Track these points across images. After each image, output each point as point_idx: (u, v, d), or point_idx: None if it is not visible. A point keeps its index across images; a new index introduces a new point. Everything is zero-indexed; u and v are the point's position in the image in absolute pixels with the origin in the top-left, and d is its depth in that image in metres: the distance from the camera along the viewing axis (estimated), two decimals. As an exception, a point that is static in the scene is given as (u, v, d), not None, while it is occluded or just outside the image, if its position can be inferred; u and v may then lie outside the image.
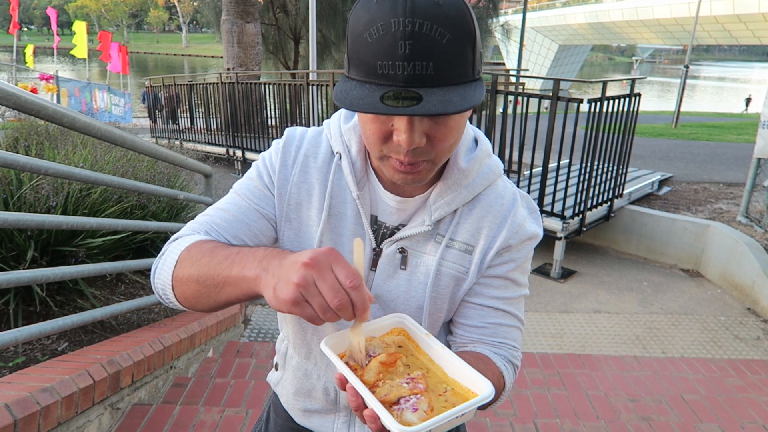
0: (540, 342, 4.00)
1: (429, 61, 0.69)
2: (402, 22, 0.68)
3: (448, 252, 0.92)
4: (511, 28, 16.70)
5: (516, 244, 0.93)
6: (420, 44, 0.69)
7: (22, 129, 4.36)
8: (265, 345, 3.41)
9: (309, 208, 0.94)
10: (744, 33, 33.39)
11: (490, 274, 0.93)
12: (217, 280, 0.79)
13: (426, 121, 0.77)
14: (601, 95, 4.78)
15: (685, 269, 5.46)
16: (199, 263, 0.83)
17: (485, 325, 0.94)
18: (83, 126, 1.89)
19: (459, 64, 0.72)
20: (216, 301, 0.83)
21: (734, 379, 3.11)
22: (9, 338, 1.68)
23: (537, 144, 4.97)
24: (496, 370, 0.90)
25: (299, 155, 0.96)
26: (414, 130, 0.76)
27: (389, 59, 0.70)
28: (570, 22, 42.23)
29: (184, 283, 0.85)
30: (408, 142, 0.75)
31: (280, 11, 13.18)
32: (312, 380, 1.03)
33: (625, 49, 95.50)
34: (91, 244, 2.78)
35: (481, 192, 0.94)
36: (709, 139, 11.60)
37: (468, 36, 0.72)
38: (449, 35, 0.70)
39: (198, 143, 9.84)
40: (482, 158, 0.94)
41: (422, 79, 0.70)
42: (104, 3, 77.67)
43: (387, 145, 0.80)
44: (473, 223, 0.92)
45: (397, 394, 0.68)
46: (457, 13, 0.71)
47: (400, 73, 0.70)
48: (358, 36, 0.73)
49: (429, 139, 0.78)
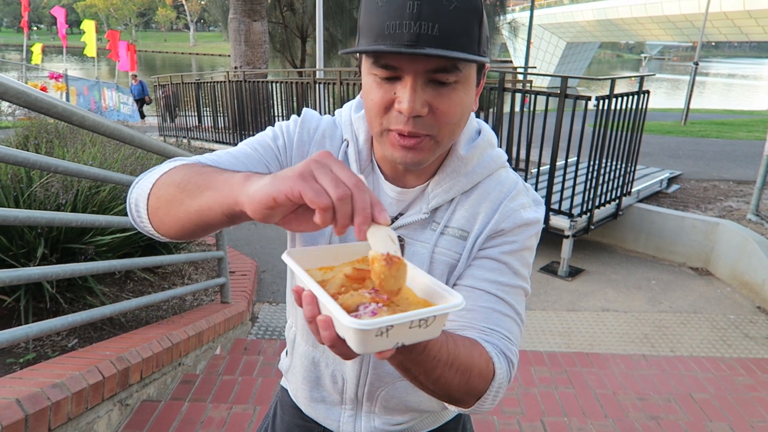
0: (548, 340, 3.98)
1: (435, 22, 0.72)
2: None
3: (442, 239, 0.91)
4: (519, 25, 16.64)
5: (510, 229, 0.90)
6: (427, 6, 0.71)
7: (32, 127, 4.40)
8: (272, 342, 3.43)
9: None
10: (754, 29, 33.06)
11: (481, 256, 0.90)
12: (199, 185, 0.72)
13: (429, 90, 0.77)
14: (610, 93, 4.75)
15: (694, 267, 5.42)
16: (186, 172, 0.77)
17: (475, 308, 0.87)
18: (92, 124, 1.90)
19: (464, 33, 0.74)
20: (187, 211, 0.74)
21: (744, 377, 3.09)
22: (20, 334, 1.70)
23: (544, 142, 4.95)
24: (485, 354, 0.82)
25: (317, 134, 0.97)
26: (416, 96, 0.76)
27: (397, 19, 0.72)
28: (578, 19, 41.97)
29: (163, 186, 0.79)
30: (409, 108, 0.76)
31: (287, 9, 13.19)
32: (320, 368, 1.03)
33: (634, 46, 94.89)
34: (101, 242, 2.80)
35: (481, 181, 0.93)
36: (718, 137, 11.50)
37: (475, 10, 0.75)
38: (457, 3, 0.72)
39: (206, 141, 9.87)
40: (483, 147, 0.94)
41: (427, 39, 0.72)
42: (112, 2, 78.04)
43: (388, 116, 0.80)
44: (469, 209, 0.91)
45: (357, 301, 0.62)
46: None
47: (406, 32, 0.72)
48: (370, 3, 0.76)
49: (431, 110, 0.78)
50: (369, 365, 0.99)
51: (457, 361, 0.77)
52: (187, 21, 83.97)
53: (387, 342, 0.58)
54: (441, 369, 0.76)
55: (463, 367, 0.78)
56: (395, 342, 0.59)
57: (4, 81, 1.49)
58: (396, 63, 0.76)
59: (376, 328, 0.55)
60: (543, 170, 6.02)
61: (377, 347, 0.58)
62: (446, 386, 0.78)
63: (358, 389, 1.00)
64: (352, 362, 0.99)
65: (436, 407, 1.04)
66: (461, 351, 0.78)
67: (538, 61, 43.08)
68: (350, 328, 0.55)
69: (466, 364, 0.79)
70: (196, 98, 10.46)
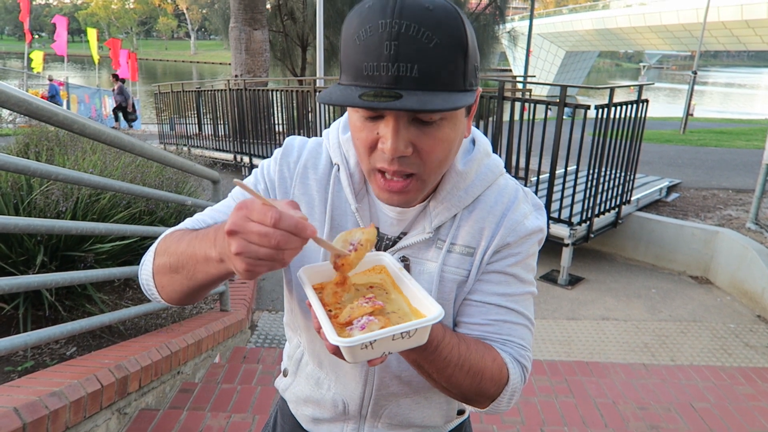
0: (547, 349, 3.97)
1: (414, 63, 0.69)
2: (389, 23, 0.68)
3: (449, 257, 0.90)
4: (518, 34, 16.71)
5: (515, 241, 0.90)
6: (406, 46, 0.68)
7: (32, 135, 4.41)
8: (271, 351, 3.41)
9: (311, 221, 0.92)
10: (753, 38, 33.24)
11: (488, 270, 0.91)
12: (189, 265, 0.81)
13: (412, 129, 0.75)
14: (609, 101, 4.77)
15: (693, 276, 5.42)
16: (170, 252, 0.86)
17: (488, 322, 0.90)
18: (93, 132, 1.90)
19: (447, 70, 0.71)
20: (191, 286, 0.84)
21: (744, 387, 3.08)
22: (19, 342, 1.69)
23: (544, 150, 4.96)
24: (498, 359, 0.87)
25: (298, 166, 0.95)
26: (399, 135, 0.74)
27: (374, 60, 0.69)
28: (577, 29, 42.20)
29: (162, 273, 0.88)
30: (392, 147, 0.74)
31: (287, 18, 13.26)
32: (323, 390, 1.03)
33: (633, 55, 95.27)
34: (100, 249, 2.80)
35: (481, 193, 0.92)
36: (717, 145, 11.53)
37: (458, 44, 0.71)
38: (437, 39, 0.69)
39: (206, 149, 9.89)
40: (480, 159, 0.92)
41: (406, 82, 0.69)
42: (114, 11, 78.51)
43: (374, 155, 0.78)
44: (473, 225, 0.90)
45: (359, 314, 0.70)
46: (448, 19, 0.70)
47: (384, 74, 0.69)
48: (348, 39, 0.73)
49: (416, 149, 0.76)
50: (372, 387, 0.98)
51: (467, 363, 0.83)
52: (188, 29, 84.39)
53: (373, 353, 0.67)
54: (452, 369, 0.82)
55: (474, 369, 0.83)
56: (382, 352, 0.68)
57: (6, 89, 1.50)
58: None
59: (359, 344, 0.65)
60: (543, 179, 6.03)
61: (365, 357, 0.67)
62: (458, 386, 0.84)
63: (362, 409, 1.01)
64: (355, 384, 0.99)
65: (439, 422, 1.04)
66: (473, 354, 0.84)
67: (538, 70, 43.26)
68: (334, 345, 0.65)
69: (477, 366, 0.84)
70: (196, 106, 10.49)
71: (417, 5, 0.69)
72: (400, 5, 0.69)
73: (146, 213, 3.37)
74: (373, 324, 0.68)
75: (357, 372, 0.98)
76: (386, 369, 0.97)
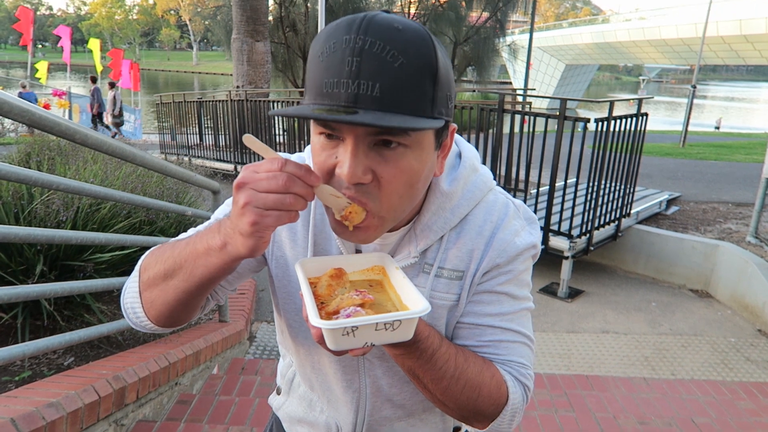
0: (547, 362, 3.95)
1: (376, 81, 0.64)
2: (353, 38, 0.65)
3: (437, 282, 0.86)
4: (518, 47, 16.85)
5: (505, 262, 0.85)
6: (368, 63, 0.64)
7: (34, 144, 4.42)
8: (270, 362, 3.40)
9: (294, 247, 0.91)
10: (751, 53, 33.44)
11: (479, 290, 0.87)
12: (188, 263, 0.77)
13: (372, 155, 0.69)
14: (608, 115, 4.79)
15: (694, 290, 5.41)
16: (163, 260, 0.82)
17: (483, 343, 0.86)
18: (95, 142, 1.91)
19: (412, 93, 0.66)
20: (187, 289, 0.79)
21: (746, 402, 3.06)
22: (17, 352, 1.69)
23: (544, 163, 4.97)
24: (498, 376, 0.83)
25: None
26: (357, 161, 0.68)
27: (335, 77, 0.65)
28: (576, 42, 42.48)
29: (153, 285, 0.83)
30: (349, 174, 0.68)
31: (289, 30, 13.37)
32: (315, 412, 1.02)
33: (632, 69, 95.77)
34: (100, 259, 2.79)
35: (469, 212, 0.86)
36: (717, 159, 11.56)
37: (427, 67, 0.66)
38: (403, 60, 0.64)
39: (206, 159, 9.91)
40: (467, 176, 0.87)
41: (365, 100, 0.64)
42: (117, 21, 79.08)
43: (331, 182, 0.73)
44: (461, 247, 0.85)
45: (347, 303, 0.70)
46: (418, 40, 0.66)
47: (343, 92, 0.65)
48: (313, 57, 0.69)
49: (375, 177, 0.71)
50: (365, 412, 0.97)
51: (464, 376, 0.80)
52: (191, 40, 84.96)
53: (355, 341, 0.66)
54: (447, 380, 0.79)
55: (471, 383, 0.80)
56: (364, 342, 0.67)
57: (9, 99, 1.50)
58: (335, 124, 0.69)
59: (341, 328, 0.64)
60: (542, 191, 6.05)
61: (347, 345, 0.67)
62: (454, 399, 0.81)
63: (355, 429, 1.00)
64: (347, 410, 0.97)
65: None
66: (470, 368, 0.81)
67: (538, 83, 43.51)
68: (318, 327, 0.65)
69: (475, 381, 0.81)
70: (197, 116, 10.53)
71: (386, 24, 0.66)
72: (368, 22, 0.65)
73: (146, 223, 3.37)
74: (360, 314, 0.68)
75: (348, 398, 0.96)
76: (378, 393, 0.95)
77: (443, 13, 14.50)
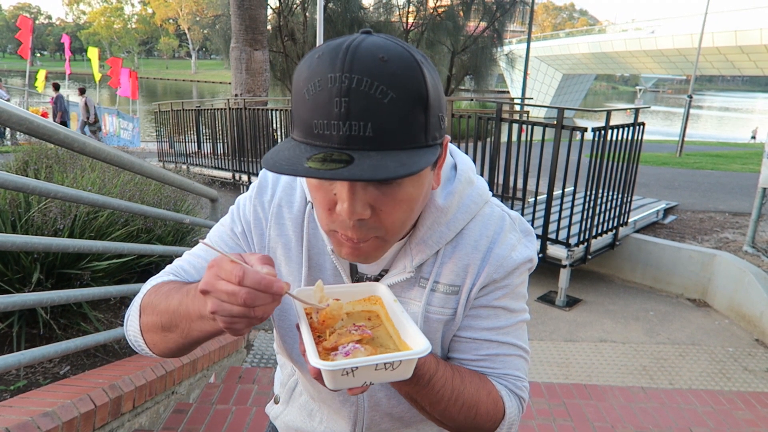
0: (545, 371, 3.94)
1: (367, 121, 0.63)
2: (339, 77, 0.63)
3: (433, 296, 0.86)
4: (516, 57, 16.94)
5: (501, 277, 0.86)
6: (357, 103, 0.62)
7: (32, 152, 4.42)
8: (267, 371, 3.38)
9: (289, 263, 0.90)
10: (747, 64, 33.70)
11: (476, 305, 0.87)
12: (183, 323, 0.78)
13: (371, 190, 0.70)
14: (606, 124, 4.81)
15: (691, 299, 5.41)
16: (159, 311, 0.82)
17: (479, 357, 0.88)
18: (93, 150, 1.91)
19: (404, 127, 0.65)
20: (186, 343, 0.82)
21: (744, 412, 3.05)
22: (13, 361, 1.68)
23: (541, 172, 4.99)
24: (494, 393, 0.85)
25: (272, 206, 0.90)
26: (356, 199, 0.69)
27: (324, 118, 0.63)
28: (573, 52, 42.77)
29: (153, 332, 0.85)
30: (348, 212, 0.69)
31: (288, 39, 13.44)
32: (314, 422, 1.02)
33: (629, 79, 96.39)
34: (97, 267, 2.79)
35: (465, 226, 0.86)
36: (713, 168, 11.61)
37: (417, 97, 0.65)
38: (393, 94, 0.63)
39: (204, 167, 9.92)
40: (462, 190, 0.86)
41: (359, 141, 0.63)
42: (115, 30, 79.35)
43: (333, 217, 0.73)
44: (457, 262, 0.85)
45: (345, 340, 0.69)
46: (405, 71, 0.64)
47: (335, 134, 0.63)
48: (298, 93, 0.67)
49: (375, 211, 0.71)
50: (363, 424, 0.98)
51: (461, 397, 0.80)
52: (189, 49, 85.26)
53: (354, 381, 0.65)
54: (445, 403, 0.79)
55: (469, 403, 0.81)
56: (363, 381, 0.66)
57: (7, 108, 1.51)
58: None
59: (340, 369, 0.63)
60: (540, 200, 6.06)
61: (346, 385, 0.66)
62: (452, 419, 0.82)
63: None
64: (345, 423, 0.98)
65: None
66: (467, 388, 0.81)
67: (535, 92, 43.74)
68: (316, 368, 0.64)
69: (472, 401, 0.81)
70: (196, 125, 10.55)
71: (370, 56, 0.63)
72: (351, 57, 0.63)
73: (144, 231, 3.36)
74: (359, 352, 0.67)
75: (346, 411, 0.96)
76: (377, 408, 0.95)
77: (441, 23, 14.59)
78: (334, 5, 13.33)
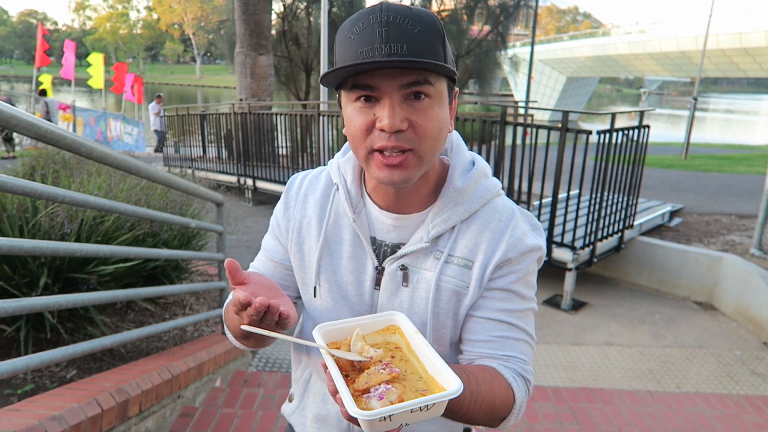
0: (551, 375, 3.93)
1: (403, 43, 0.79)
2: (379, 15, 0.80)
3: (447, 267, 0.95)
4: (519, 60, 16.91)
5: (516, 257, 0.95)
6: (395, 31, 0.79)
7: (39, 157, 4.45)
8: (272, 375, 3.38)
9: (309, 239, 1.03)
10: (752, 66, 33.56)
11: (491, 287, 0.95)
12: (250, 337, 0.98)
13: (406, 107, 0.83)
14: (610, 127, 4.80)
15: (698, 302, 5.38)
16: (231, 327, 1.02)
17: (491, 338, 0.95)
18: (100, 155, 1.92)
19: (430, 51, 0.82)
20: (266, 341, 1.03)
21: (752, 415, 3.03)
22: (20, 365, 1.68)
23: (546, 175, 4.98)
24: (504, 382, 0.91)
25: (299, 195, 1.06)
26: (395, 112, 0.82)
27: (369, 45, 0.80)
28: (577, 55, 42.71)
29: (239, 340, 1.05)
30: (390, 123, 0.82)
31: (292, 44, 13.47)
32: (328, 406, 1.06)
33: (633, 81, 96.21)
34: (103, 271, 2.80)
35: (479, 209, 0.97)
36: (719, 171, 11.56)
37: (437, 33, 0.83)
38: (420, 27, 0.81)
39: (210, 172, 9.94)
40: (478, 178, 0.98)
41: (397, 58, 0.79)
42: (121, 36, 79.80)
43: (371, 137, 0.85)
44: (471, 239, 0.95)
45: (376, 381, 0.72)
46: (427, 15, 0.83)
47: (378, 54, 0.79)
48: (344, 39, 0.83)
49: (411, 124, 0.84)
50: None
51: (479, 397, 0.86)
52: (194, 54, 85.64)
53: (391, 425, 0.69)
54: (467, 407, 0.85)
55: (487, 401, 0.87)
56: (399, 423, 0.69)
57: (17, 114, 1.52)
58: (372, 82, 0.82)
59: (378, 418, 0.66)
60: (545, 202, 6.05)
61: (383, 429, 0.69)
62: (473, 419, 0.88)
63: None
64: None
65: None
66: (482, 388, 0.87)
67: (539, 95, 43.69)
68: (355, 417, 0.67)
69: (489, 398, 0.87)
70: (201, 129, 10.59)
71: (400, 6, 0.82)
72: (386, 6, 0.81)
73: (150, 235, 3.37)
74: (391, 393, 0.70)
75: None
76: None
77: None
78: (338, 10, 13.36)
